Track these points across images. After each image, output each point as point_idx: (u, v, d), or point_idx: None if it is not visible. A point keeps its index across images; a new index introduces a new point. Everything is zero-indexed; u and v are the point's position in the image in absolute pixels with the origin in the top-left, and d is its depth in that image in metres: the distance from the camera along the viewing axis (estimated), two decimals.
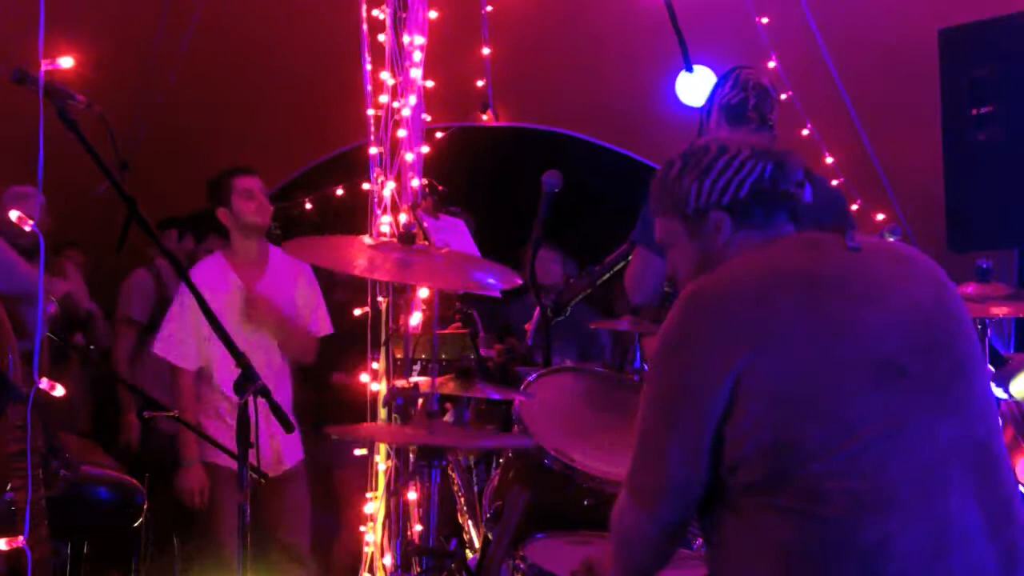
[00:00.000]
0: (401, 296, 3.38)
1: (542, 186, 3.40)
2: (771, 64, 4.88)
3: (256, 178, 3.88)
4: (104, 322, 4.99)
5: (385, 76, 3.59)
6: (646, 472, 1.77)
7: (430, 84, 3.66)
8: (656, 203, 1.94)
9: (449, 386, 2.65)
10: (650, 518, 1.77)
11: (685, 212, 1.87)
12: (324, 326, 4.02)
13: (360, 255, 2.65)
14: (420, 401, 2.64)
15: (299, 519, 3.94)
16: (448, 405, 3.09)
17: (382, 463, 3.45)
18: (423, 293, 3.40)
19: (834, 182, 4.74)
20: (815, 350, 1.66)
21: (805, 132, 4.99)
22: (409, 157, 3.52)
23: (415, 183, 3.54)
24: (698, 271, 1.87)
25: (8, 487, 2.52)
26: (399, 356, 3.40)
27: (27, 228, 2.18)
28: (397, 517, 3.25)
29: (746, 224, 1.83)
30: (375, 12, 3.66)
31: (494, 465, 3.20)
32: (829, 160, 5.05)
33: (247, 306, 3.76)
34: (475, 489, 3.22)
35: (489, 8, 5.48)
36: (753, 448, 1.66)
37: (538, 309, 3.61)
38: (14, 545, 2.30)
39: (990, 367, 3.19)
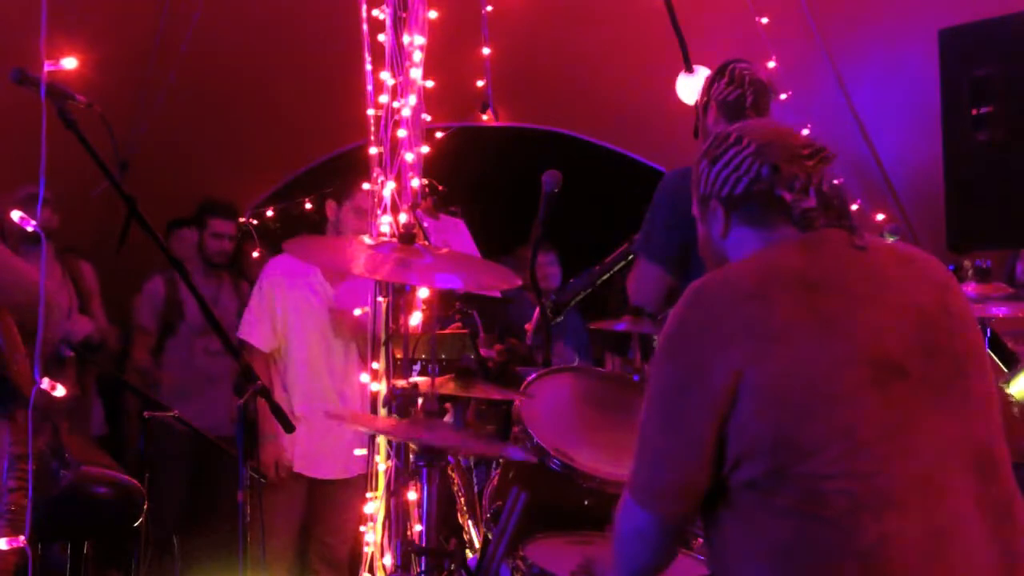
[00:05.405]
0: (401, 296, 3.38)
1: (541, 186, 3.40)
2: (771, 64, 4.88)
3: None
4: (115, 334, 5.01)
5: (385, 76, 3.59)
6: (647, 471, 1.77)
7: (430, 84, 3.65)
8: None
9: (449, 386, 2.65)
10: (651, 517, 1.77)
11: (698, 192, 1.92)
12: None
13: (360, 255, 2.65)
14: (420, 401, 2.65)
15: (342, 524, 4.03)
16: (448, 405, 3.09)
17: (382, 463, 3.45)
18: (423, 293, 3.40)
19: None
20: (814, 349, 1.66)
21: (805, 132, 4.98)
22: (409, 157, 3.51)
23: (415, 183, 3.53)
24: (706, 251, 1.93)
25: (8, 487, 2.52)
26: (399, 356, 3.40)
27: (29, 228, 2.18)
28: (397, 517, 3.25)
29: (742, 220, 1.85)
30: (375, 12, 3.66)
31: (494, 465, 3.20)
32: None
33: (335, 324, 3.99)
34: (475, 489, 3.22)
35: (489, 8, 5.47)
36: (753, 446, 1.66)
37: (538, 309, 3.61)
38: (14, 545, 2.30)
39: (1003, 366, 3.17)
